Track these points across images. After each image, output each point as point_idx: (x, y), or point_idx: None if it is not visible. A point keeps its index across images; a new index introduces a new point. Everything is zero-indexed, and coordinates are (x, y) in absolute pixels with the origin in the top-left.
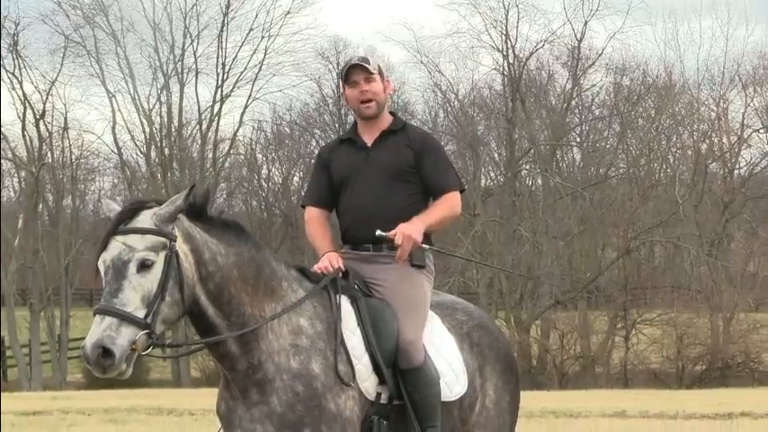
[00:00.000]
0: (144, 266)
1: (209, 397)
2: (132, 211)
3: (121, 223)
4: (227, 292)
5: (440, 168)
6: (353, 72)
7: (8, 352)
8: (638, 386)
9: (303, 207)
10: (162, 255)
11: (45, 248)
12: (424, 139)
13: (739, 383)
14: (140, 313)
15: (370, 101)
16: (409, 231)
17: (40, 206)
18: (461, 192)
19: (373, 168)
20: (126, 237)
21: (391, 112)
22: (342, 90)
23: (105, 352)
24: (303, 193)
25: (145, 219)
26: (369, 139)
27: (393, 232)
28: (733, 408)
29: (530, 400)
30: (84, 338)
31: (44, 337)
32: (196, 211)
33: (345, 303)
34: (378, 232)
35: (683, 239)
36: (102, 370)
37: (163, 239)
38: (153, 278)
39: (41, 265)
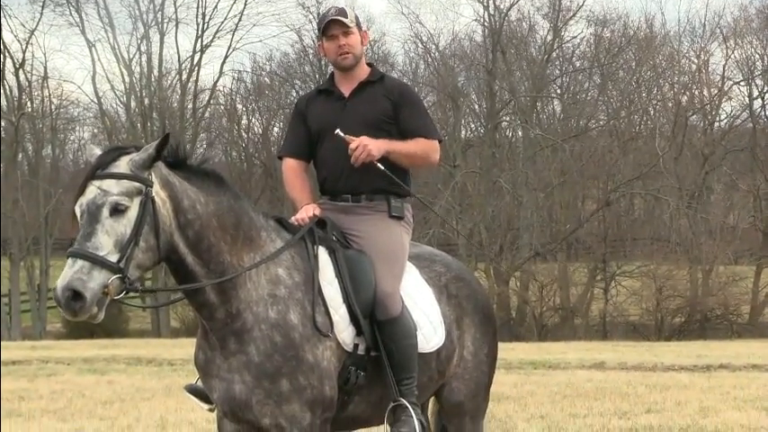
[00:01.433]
0: (117, 211)
1: (188, 347)
2: (111, 156)
3: (99, 168)
4: (207, 241)
5: (417, 118)
6: (331, 26)
7: None
8: (616, 338)
9: (280, 159)
10: (137, 200)
11: (25, 198)
12: (402, 89)
13: (718, 336)
14: (113, 257)
15: (347, 53)
16: (367, 142)
17: (20, 156)
18: (439, 142)
19: (350, 119)
20: (102, 181)
21: (369, 63)
22: (319, 42)
23: (76, 295)
24: (281, 145)
25: (122, 164)
26: (346, 89)
27: (353, 138)
28: (712, 360)
29: (509, 351)
30: None
31: (24, 287)
32: (176, 160)
33: (323, 254)
34: (337, 131)
35: (662, 192)
36: (73, 313)
37: (138, 185)
38: (127, 223)
39: (21, 215)
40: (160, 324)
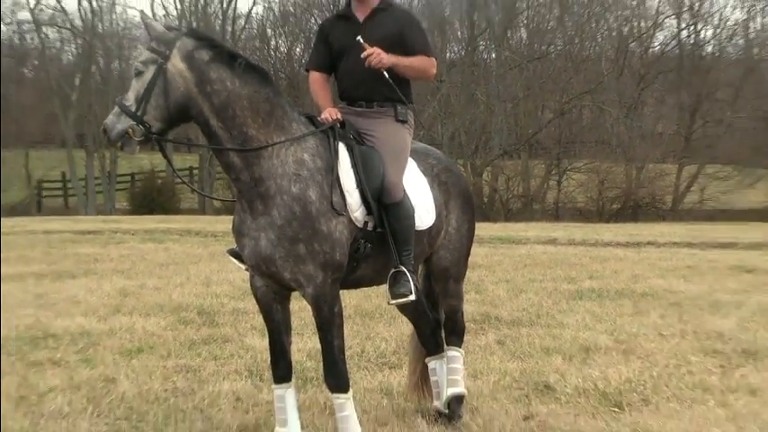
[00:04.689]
0: (137, 73)
1: (227, 222)
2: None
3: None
4: (231, 110)
5: (419, 40)
6: None
7: (69, 185)
8: (566, 220)
9: (307, 71)
10: (152, 67)
11: (97, 102)
12: (407, 17)
13: (647, 219)
14: (133, 108)
15: None
16: (380, 52)
17: (93, 68)
18: (437, 59)
19: (366, 41)
20: (141, 51)
21: None
22: None
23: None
24: (306, 60)
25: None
26: (361, 15)
27: (369, 45)
28: (641, 238)
29: (481, 229)
30: (128, 174)
31: (97, 173)
32: (227, 55)
33: (342, 148)
34: (358, 38)
35: (606, 104)
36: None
37: (154, 56)
38: (142, 84)
39: (94, 115)
40: (206, 204)
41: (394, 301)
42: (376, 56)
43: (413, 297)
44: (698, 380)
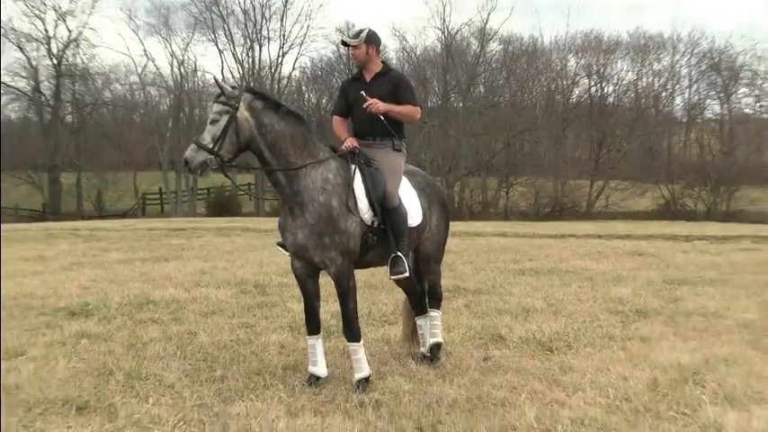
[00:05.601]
0: (213, 121)
1: (274, 223)
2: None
3: (216, 97)
4: (279, 145)
5: (408, 94)
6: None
7: (164, 196)
8: (513, 219)
9: (332, 116)
10: (225, 116)
11: (184, 138)
12: (400, 78)
13: (569, 218)
14: (210, 145)
15: (354, 59)
16: (377, 102)
17: (181, 114)
18: (421, 108)
19: (370, 95)
20: (214, 104)
21: (383, 61)
22: None
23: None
24: (331, 108)
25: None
26: (368, 77)
27: (369, 98)
28: (565, 232)
29: (453, 226)
30: (205, 188)
31: (184, 188)
32: (273, 104)
33: (356, 169)
34: (362, 92)
35: (539, 138)
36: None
37: (226, 107)
38: (218, 128)
39: (182, 148)
40: (259, 209)
41: (393, 277)
42: (374, 105)
43: (407, 274)
44: (605, 331)
